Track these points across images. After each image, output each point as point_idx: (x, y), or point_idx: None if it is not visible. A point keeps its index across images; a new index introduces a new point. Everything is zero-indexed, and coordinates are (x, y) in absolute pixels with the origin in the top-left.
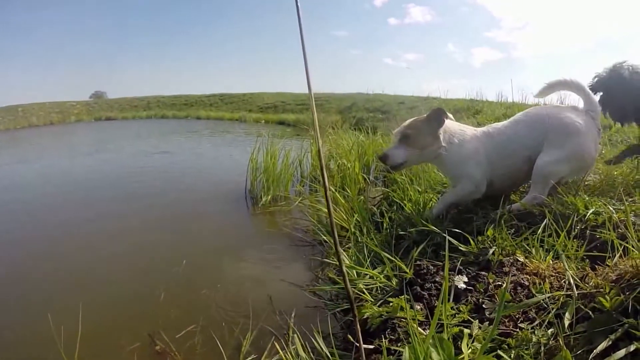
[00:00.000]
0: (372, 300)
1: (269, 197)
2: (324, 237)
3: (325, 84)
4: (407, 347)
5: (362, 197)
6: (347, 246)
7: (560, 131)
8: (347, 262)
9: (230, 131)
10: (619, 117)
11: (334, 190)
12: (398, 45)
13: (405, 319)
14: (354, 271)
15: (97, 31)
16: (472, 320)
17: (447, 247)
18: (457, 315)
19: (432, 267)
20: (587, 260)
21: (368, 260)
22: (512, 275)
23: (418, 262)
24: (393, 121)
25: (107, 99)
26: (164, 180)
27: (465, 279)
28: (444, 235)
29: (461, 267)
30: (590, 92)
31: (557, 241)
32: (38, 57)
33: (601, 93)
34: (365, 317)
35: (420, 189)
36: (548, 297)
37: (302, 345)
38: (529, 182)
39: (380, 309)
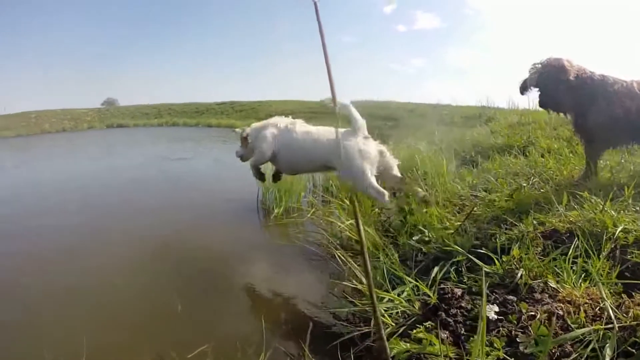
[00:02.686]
0: (394, 324)
1: (282, 209)
2: (338, 251)
3: (336, 91)
4: None
5: (375, 210)
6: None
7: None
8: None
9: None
10: (555, 109)
11: (347, 203)
12: (406, 52)
13: (436, 354)
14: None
15: (108, 38)
16: (507, 359)
17: (483, 287)
18: (491, 352)
19: (457, 291)
20: (619, 284)
21: (387, 280)
22: (544, 304)
23: (442, 286)
24: (403, 129)
25: (119, 106)
26: (176, 188)
27: (497, 309)
28: (467, 254)
29: (488, 292)
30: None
31: (588, 262)
32: (50, 64)
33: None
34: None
35: (437, 201)
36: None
37: None
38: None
39: (408, 344)
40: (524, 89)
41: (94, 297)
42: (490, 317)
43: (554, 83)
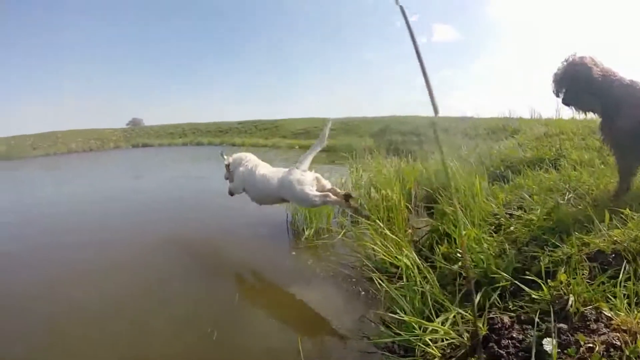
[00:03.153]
0: (440, 355)
1: (312, 230)
2: (373, 275)
3: (356, 107)
4: None
5: (409, 231)
6: (399, 285)
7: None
8: (407, 309)
9: (267, 157)
10: (579, 107)
11: (381, 225)
12: (427, 65)
13: None
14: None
15: (133, 60)
16: None
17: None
18: None
19: (507, 320)
20: None
21: (429, 307)
22: (601, 334)
23: (491, 315)
24: (428, 144)
25: (144, 126)
26: (204, 209)
27: (554, 342)
28: (511, 279)
29: (538, 320)
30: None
31: (639, 285)
32: (77, 85)
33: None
34: None
35: (473, 221)
36: None
37: None
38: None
39: None
40: (557, 90)
41: (125, 320)
42: (549, 351)
43: (577, 80)
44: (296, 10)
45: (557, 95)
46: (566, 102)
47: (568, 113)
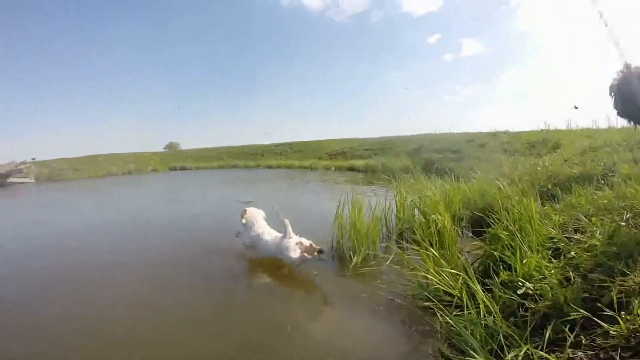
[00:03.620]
0: None
1: (360, 257)
2: (425, 304)
3: (388, 127)
4: None
5: (462, 258)
6: (456, 315)
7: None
8: (475, 345)
9: (304, 179)
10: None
11: (433, 251)
12: (456, 80)
13: None
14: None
15: (169, 87)
16: None
17: None
18: None
19: None
20: None
21: (498, 341)
22: None
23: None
24: (467, 161)
25: (181, 149)
26: None
27: None
28: (582, 311)
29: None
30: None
31: None
32: (117, 110)
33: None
34: None
35: (530, 246)
36: None
37: None
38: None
39: None
40: (615, 104)
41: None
42: None
43: (633, 92)
44: (332, 34)
45: (615, 108)
46: (622, 114)
47: (604, 123)
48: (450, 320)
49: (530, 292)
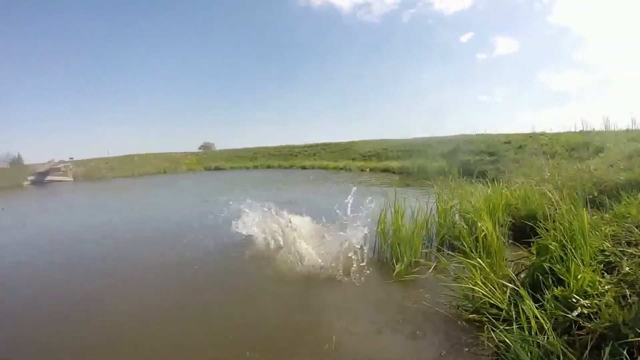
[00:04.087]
0: None
1: (403, 264)
2: (471, 316)
3: (423, 127)
4: None
5: (510, 268)
6: (503, 328)
7: None
8: None
9: (338, 180)
10: None
11: (480, 261)
12: (490, 80)
13: None
14: None
15: (205, 88)
16: None
17: None
18: None
19: None
20: None
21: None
22: None
23: None
24: (505, 163)
25: (215, 150)
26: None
27: None
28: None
29: None
30: None
31: None
32: (153, 111)
33: None
34: None
35: (582, 259)
36: None
37: None
38: None
39: None
40: None
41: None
42: None
43: None
44: (363, 34)
45: None
46: None
47: None
48: (504, 337)
49: (585, 310)
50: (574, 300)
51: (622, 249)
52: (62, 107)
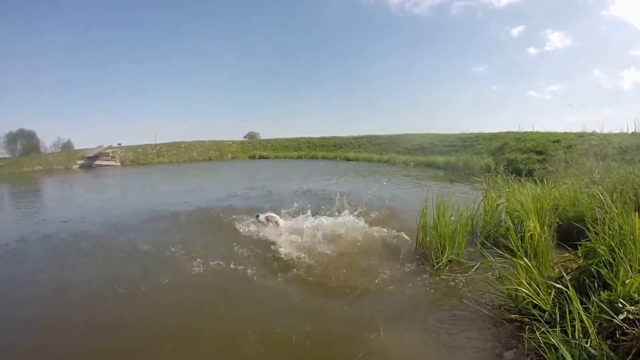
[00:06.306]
0: None
1: (444, 259)
2: (513, 316)
3: (471, 123)
4: None
5: (557, 270)
6: (546, 330)
7: None
8: None
9: (385, 173)
10: None
11: (527, 261)
12: (540, 76)
13: None
14: None
15: (251, 78)
16: None
17: None
18: None
19: None
20: None
21: None
22: None
23: None
24: (553, 164)
25: (260, 139)
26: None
27: None
28: None
29: None
30: None
31: None
32: (202, 101)
33: None
34: None
35: (631, 265)
36: None
37: None
38: None
39: None
40: None
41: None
42: None
43: None
44: (412, 27)
45: None
46: None
47: None
48: (549, 338)
49: (631, 316)
50: (620, 305)
51: None
52: (114, 95)
